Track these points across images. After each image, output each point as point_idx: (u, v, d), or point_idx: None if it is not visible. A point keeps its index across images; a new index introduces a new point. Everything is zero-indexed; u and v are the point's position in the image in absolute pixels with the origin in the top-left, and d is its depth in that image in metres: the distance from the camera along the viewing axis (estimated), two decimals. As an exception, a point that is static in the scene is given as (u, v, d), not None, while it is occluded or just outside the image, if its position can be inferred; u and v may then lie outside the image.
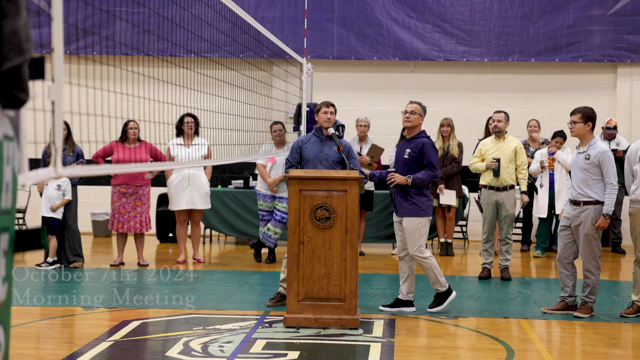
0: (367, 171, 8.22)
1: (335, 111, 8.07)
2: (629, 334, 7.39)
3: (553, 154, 11.57)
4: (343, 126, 8.50)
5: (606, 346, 6.81)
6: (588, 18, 13.77)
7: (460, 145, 11.81)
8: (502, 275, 9.98)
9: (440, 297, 7.91)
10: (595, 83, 13.99)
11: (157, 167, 9.80)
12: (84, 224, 13.84)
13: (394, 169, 7.92)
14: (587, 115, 7.77)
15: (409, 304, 7.92)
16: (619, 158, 11.60)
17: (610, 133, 12.30)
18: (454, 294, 7.94)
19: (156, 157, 10.54)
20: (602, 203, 7.66)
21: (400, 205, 7.82)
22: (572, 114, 7.88)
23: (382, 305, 7.97)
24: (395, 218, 7.99)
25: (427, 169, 7.75)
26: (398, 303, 7.93)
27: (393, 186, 7.80)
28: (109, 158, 10.52)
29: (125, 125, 10.38)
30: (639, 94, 13.70)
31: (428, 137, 7.96)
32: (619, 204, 12.33)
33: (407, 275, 7.92)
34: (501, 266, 10.05)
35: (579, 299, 7.94)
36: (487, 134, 11.24)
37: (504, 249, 10.04)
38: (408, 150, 7.83)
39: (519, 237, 12.89)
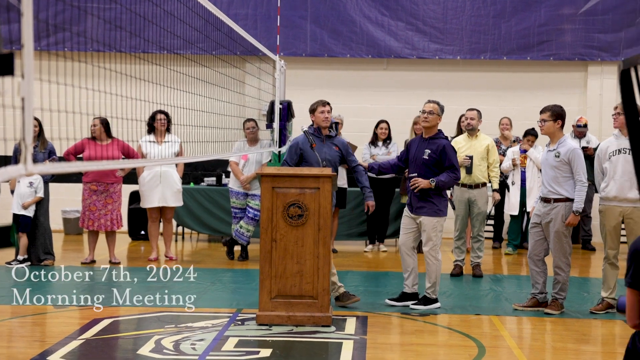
0: (365, 163, 8.27)
1: (331, 109, 8.10)
2: (599, 330, 7.47)
3: (525, 151, 11.65)
4: (337, 124, 8.50)
5: (576, 342, 6.88)
6: (559, 17, 13.88)
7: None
8: (474, 272, 10.04)
9: (425, 301, 7.96)
10: (566, 81, 14.10)
11: (129, 164, 9.74)
12: (55, 222, 13.73)
13: (415, 173, 7.93)
14: (557, 113, 7.84)
15: (414, 296, 8.04)
16: (590, 156, 11.68)
17: (580, 131, 12.39)
18: (438, 304, 8.00)
19: (128, 154, 10.47)
20: (572, 200, 7.73)
21: (418, 205, 7.90)
22: (541, 112, 7.94)
23: (389, 299, 8.09)
24: (406, 213, 8.06)
25: (449, 171, 7.85)
26: (404, 297, 8.04)
27: (417, 191, 7.85)
28: (81, 155, 10.44)
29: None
30: (609, 92, 13.82)
31: (446, 138, 8.07)
32: (589, 201, 12.43)
33: (411, 269, 8.04)
34: (473, 263, 10.11)
35: (550, 295, 8.01)
36: (460, 131, 11.29)
37: (476, 246, 10.10)
38: (428, 151, 7.88)
39: (491, 235, 12.96)
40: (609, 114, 13.57)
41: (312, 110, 8.10)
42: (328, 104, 8.07)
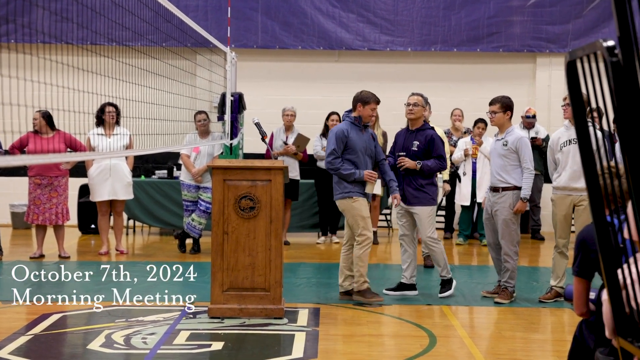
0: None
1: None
2: (548, 319, 7.58)
3: (476, 143, 11.77)
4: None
5: (525, 331, 6.97)
6: (508, 9, 14.02)
7: (385, 135, 11.87)
8: (425, 262, 10.10)
9: (445, 283, 8.17)
10: (515, 73, 14.25)
11: (77, 157, 9.60)
12: (3, 216, 13.52)
13: (404, 153, 8.15)
14: (506, 105, 8.01)
15: (412, 287, 8.26)
16: (538, 146, 11.86)
17: (529, 122, 12.55)
18: (455, 282, 8.24)
19: (74, 146, 10.30)
20: (520, 188, 7.88)
21: (411, 195, 8.08)
22: (491, 104, 8.09)
23: (386, 289, 8.26)
24: (400, 207, 8.22)
25: (436, 159, 8.08)
26: (402, 287, 8.24)
27: (402, 170, 8.05)
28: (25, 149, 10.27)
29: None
30: (558, 83, 13.99)
31: (432, 128, 8.26)
32: (538, 191, 12.59)
33: (411, 260, 8.24)
34: (424, 254, 10.15)
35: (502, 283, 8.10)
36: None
37: (427, 237, 10.16)
38: (416, 143, 8.10)
39: (442, 225, 13.06)
40: (558, 105, 13.77)
41: (363, 102, 7.89)
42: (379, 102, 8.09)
